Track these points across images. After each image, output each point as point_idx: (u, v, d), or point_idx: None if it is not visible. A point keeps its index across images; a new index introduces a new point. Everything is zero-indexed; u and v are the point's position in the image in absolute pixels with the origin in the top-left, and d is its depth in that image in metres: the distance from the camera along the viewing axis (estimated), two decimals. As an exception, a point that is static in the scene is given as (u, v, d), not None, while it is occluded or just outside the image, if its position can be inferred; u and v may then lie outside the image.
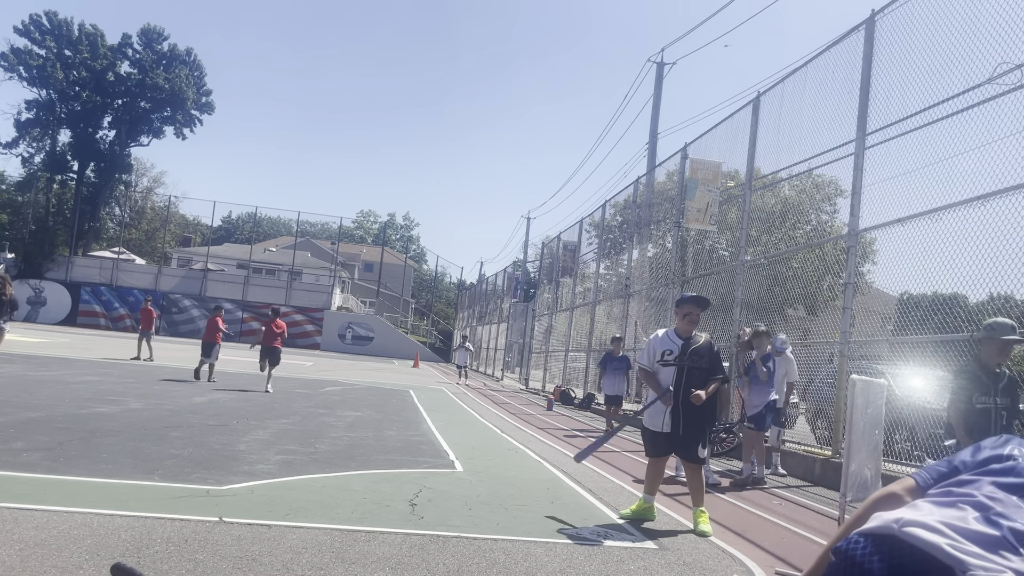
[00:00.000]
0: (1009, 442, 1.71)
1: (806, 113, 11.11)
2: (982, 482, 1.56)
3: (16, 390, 10.79)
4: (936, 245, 7.97)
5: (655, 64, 23.23)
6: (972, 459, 1.71)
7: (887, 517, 1.49)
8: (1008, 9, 7.24)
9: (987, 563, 1.35)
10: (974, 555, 1.37)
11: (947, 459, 1.77)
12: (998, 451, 1.68)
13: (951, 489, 1.56)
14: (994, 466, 1.62)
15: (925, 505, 1.52)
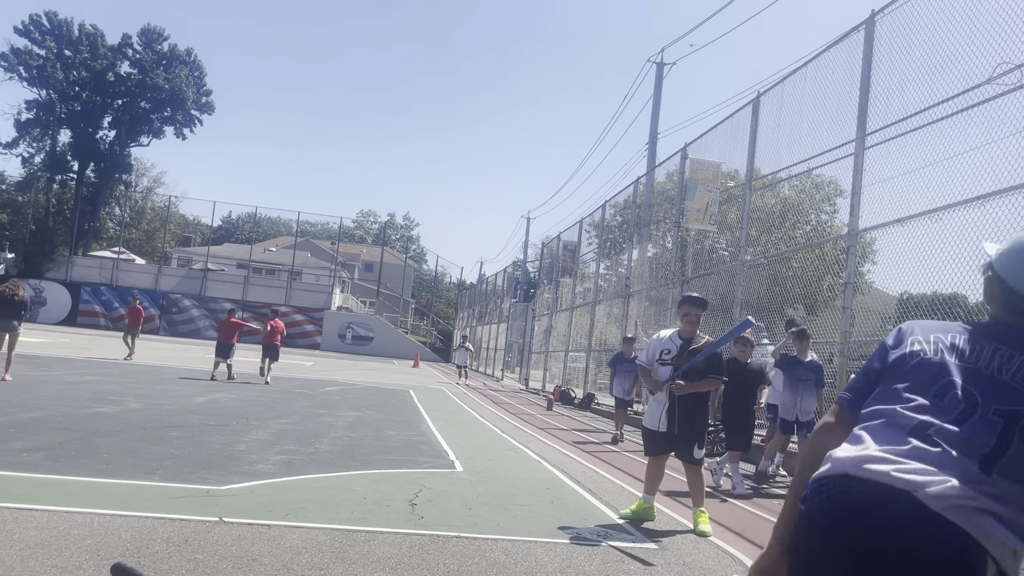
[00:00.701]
0: (908, 336, 1.78)
1: (806, 113, 11.12)
2: (899, 390, 1.67)
3: (16, 390, 10.79)
4: (936, 245, 7.97)
5: (655, 64, 23.24)
6: (883, 364, 1.78)
7: (840, 457, 1.60)
8: (1008, 9, 7.24)
9: (931, 476, 1.49)
10: (919, 471, 1.50)
11: (863, 369, 1.83)
12: (902, 351, 1.76)
13: (878, 408, 1.66)
14: (905, 367, 1.71)
15: (865, 435, 1.62)
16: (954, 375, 1.66)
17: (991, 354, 1.67)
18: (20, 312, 12.22)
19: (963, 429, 1.57)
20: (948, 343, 1.72)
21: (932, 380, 1.67)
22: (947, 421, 1.59)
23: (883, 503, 1.48)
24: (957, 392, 1.63)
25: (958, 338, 1.73)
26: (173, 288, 48.89)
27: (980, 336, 1.72)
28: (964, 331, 1.75)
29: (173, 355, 24.59)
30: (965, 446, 1.55)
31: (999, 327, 1.74)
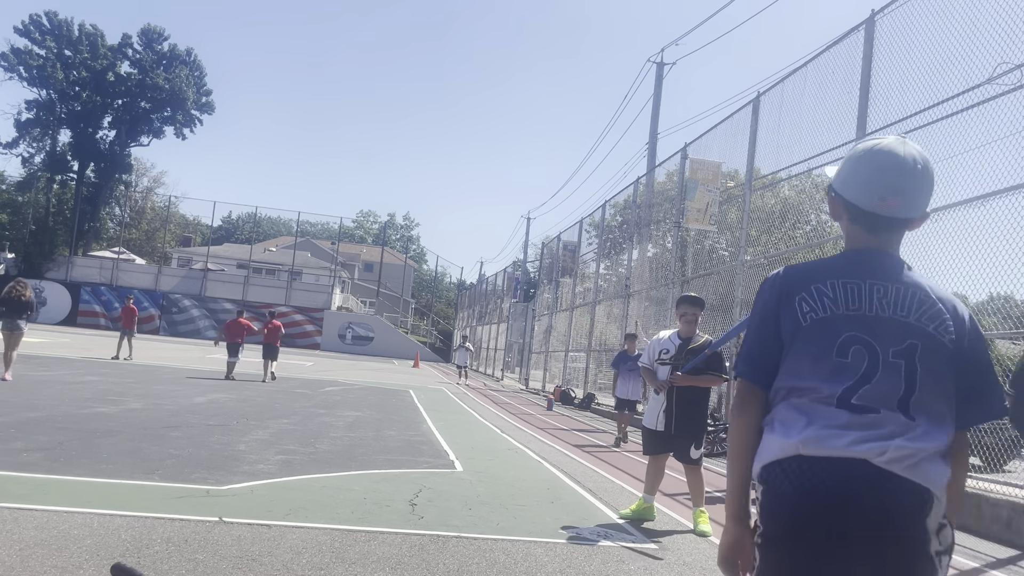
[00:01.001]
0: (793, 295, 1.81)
1: (806, 113, 11.12)
2: (806, 359, 1.74)
3: (16, 390, 10.79)
4: (936, 245, 7.98)
5: (655, 64, 23.23)
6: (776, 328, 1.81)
7: (786, 441, 1.69)
8: (1008, 9, 7.25)
9: (879, 442, 1.62)
10: (865, 439, 1.63)
11: (756, 337, 1.85)
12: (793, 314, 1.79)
13: (795, 385, 1.74)
14: (802, 331, 1.76)
15: (797, 415, 1.71)
16: (849, 329, 1.72)
17: (870, 293, 1.75)
18: (26, 312, 12.48)
19: (875, 383, 1.68)
20: (831, 295, 1.77)
21: (832, 340, 1.72)
22: (860, 380, 1.69)
23: (848, 477, 1.60)
24: (858, 346, 1.71)
25: (838, 285, 1.78)
26: (173, 288, 48.89)
27: (854, 275, 1.78)
28: (840, 272, 1.80)
29: (173, 355, 24.60)
30: (885, 400, 1.67)
31: (863, 257, 1.82)
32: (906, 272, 1.81)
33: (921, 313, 1.74)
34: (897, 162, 1.79)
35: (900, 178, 1.79)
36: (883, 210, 1.80)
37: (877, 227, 1.83)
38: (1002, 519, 6.66)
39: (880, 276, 1.78)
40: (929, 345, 1.71)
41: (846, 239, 1.91)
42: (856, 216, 1.84)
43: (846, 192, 1.85)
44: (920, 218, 1.85)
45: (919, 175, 1.79)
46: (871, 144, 1.85)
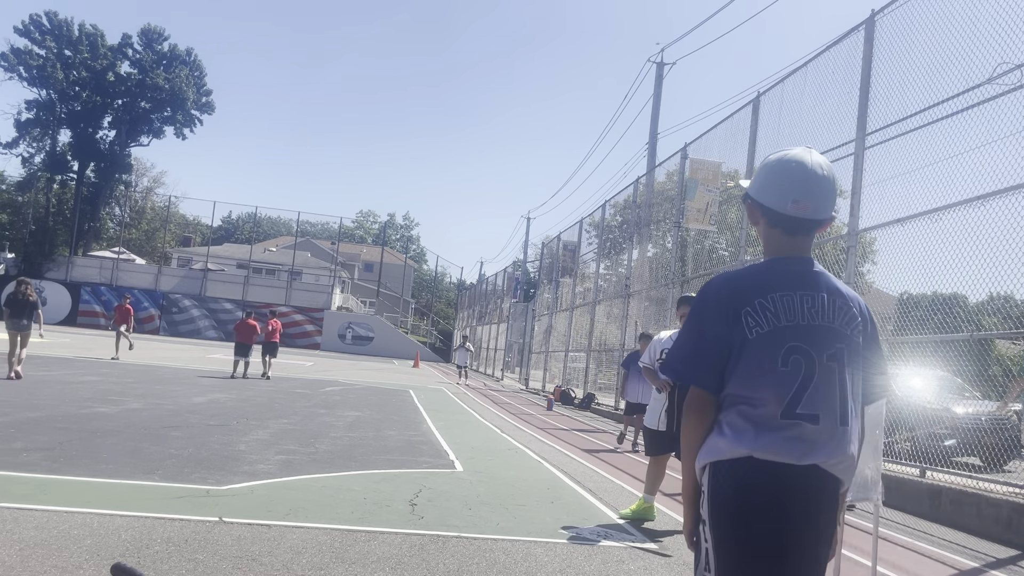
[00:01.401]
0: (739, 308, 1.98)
1: (806, 113, 11.11)
2: (752, 368, 1.93)
3: (16, 390, 10.80)
4: (936, 245, 7.97)
5: (655, 64, 23.23)
6: (725, 339, 1.98)
7: (732, 447, 1.91)
8: (1008, 9, 7.24)
9: (819, 447, 1.89)
10: (808, 445, 1.88)
11: (703, 347, 2.01)
12: (739, 326, 1.97)
13: (745, 395, 1.93)
14: (748, 343, 1.95)
15: (747, 423, 1.92)
16: (790, 340, 1.94)
17: (802, 304, 1.97)
18: (31, 312, 12.81)
19: (815, 387, 1.91)
20: (773, 309, 1.96)
21: (776, 351, 1.93)
22: (802, 385, 1.91)
23: (796, 477, 1.87)
24: (796, 356, 1.93)
25: (777, 299, 1.97)
26: (173, 288, 48.87)
27: (788, 287, 1.98)
28: (776, 286, 1.99)
29: (173, 355, 24.59)
30: (825, 406, 1.91)
31: (790, 267, 2.03)
32: (824, 278, 2.03)
33: (842, 318, 2.00)
34: (805, 170, 2.01)
35: (809, 183, 2.01)
36: (796, 212, 2.01)
37: (795, 230, 2.04)
38: (1002, 519, 6.66)
39: (807, 286, 2.00)
40: (850, 346, 1.98)
41: (765, 244, 2.11)
42: (774, 220, 2.05)
43: (762, 198, 2.06)
44: (828, 220, 2.06)
45: (824, 181, 2.02)
46: (782, 154, 2.07)
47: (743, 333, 1.95)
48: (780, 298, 1.97)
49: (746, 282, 2.03)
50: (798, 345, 1.93)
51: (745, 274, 2.08)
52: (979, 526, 6.85)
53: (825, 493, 1.92)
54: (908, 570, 5.39)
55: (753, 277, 2.05)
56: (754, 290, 1.99)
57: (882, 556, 5.18)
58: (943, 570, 5.53)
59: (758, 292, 1.99)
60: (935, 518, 7.30)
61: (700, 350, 2.01)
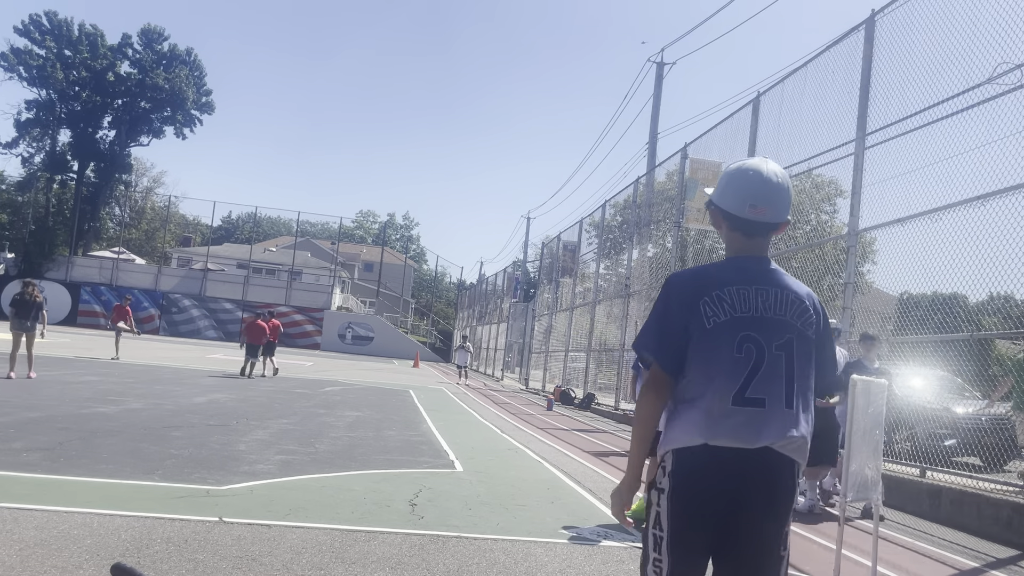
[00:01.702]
0: (696, 300, 2.16)
1: (806, 113, 11.11)
2: (709, 356, 2.10)
3: (16, 390, 10.80)
4: (936, 245, 7.97)
5: (655, 64, 23.22)
6: (684, 330, 2.15)
7: (689, 434, 2.09)
8: (1008, 9, 7.25)
9: (768, 430, 2.06)
10: (759, 428, 2.05)
11: (667, 334, 2.17)
12: (699, 316, 2.13)
13: (701, 382, 2.10)
14: (705, 333, 2.12)
15: (700, 410, 2.09)
16: (743, 329, 2.11)
17: (756, 297, 2.14)
18: (36, 313, 13.00)
19: (763, 373, 2.08)
20: (729, 300, 2.14)
21: (731, 339, 2.10)
22: (752, 371, 2.08)
23: (750, 460, 2.04)
24: (749, 344, 2.10)
25: (734, 291, 2.15)
26: (173, 288, 48.86)
27: (744, 282, 2.16)
28: (733, 280, 2.16)
29: (174, 355, 24.59)
30: (772, 391, 2.08)
31: (747, 264, 2.21)
32: (780, 275, 2.22)
33: (793, 312, 2.16)
34: (761, 177, 2.20)
35: (765, 190, 2.19)
36: (754, 216, 2.19)
37: (753, 232, 2.22)
38: (1002, 519, 6.66)
39: (763, 282, 2.17)
40: (799, 337, 2.15)
41: (727, 245, 2.29)
42: (735, 224, 2.23)
43: (723, 204, 2.26)
44: (784, 223, 2.24)
45: (779, 187, 2.20)
46: (740, 163, 2.27)
47: (701, 322, 2.12)
48: (736, 291, 2.14)
49: (706, 276, 2.22)
50: (750, 334, 2.11)
51: (706, 269, 2.28)
52: (979, 526, 6.85)
53: (779, 473, 2.08)
54: (908, 570, 5.39)
55: (713, 272, 2.23)
56: (712, 283, 2.17)
57: (882, 556, 5.18)
58: (943, 570, 5.53)
59: (716, 285, 2.16)
60: (935, 518, 7.30)
61: (663, 334, 2.18)
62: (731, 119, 13.63)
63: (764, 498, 2.07)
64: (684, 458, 2.11)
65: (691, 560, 2.10)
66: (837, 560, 4.54)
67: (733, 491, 2.05)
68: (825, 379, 2.25)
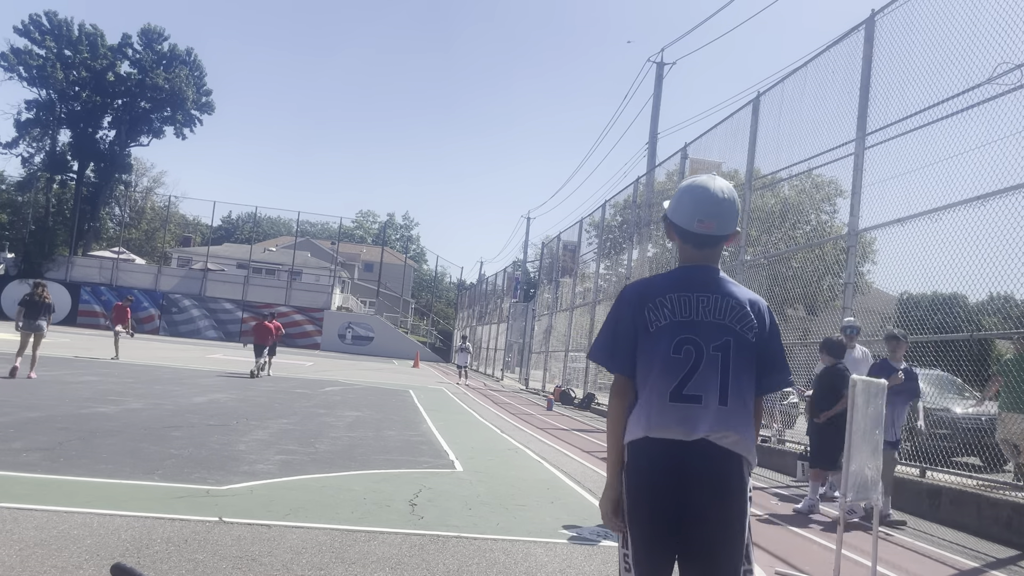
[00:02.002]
0: (643, 306, 2.34)
1: (806, 113, 11.11)
2: (654, 359, 2.27)
3: (16, 390, 10.80)
4: (936, 245, 7.97)
5: (655, 64, 23.22)
6: (635, 334, 2.33)
7: (634, 430, 2.27)
8: (1008, 9, 7.24)
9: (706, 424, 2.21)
10: (697, 423, 2.21)
11: (621, 343, 2.35)
12: (645, 322, 2.32)
13: (648, 382, 2.28)
14: (651, 336, 2.30)
15: (647, 409, 2.26)
16: (682, 332, 2.28)
17: (697, 303, 2.31)
18: (44, 313, 13.35)
19: (700, 373, 2.24)
20: (670, 306, 2.32)
21: (670, 341, 2.27)
22: (690, 371, 2.25)
23: (688, 452, 2.20)
24: (688, 345, 2.27)
25: (675, 297, 2.32)
26: (173, 288, 48.86)
27: (686, 289, 2.33)
28: (676, 287, 2.34)
29: (174, 355, 24.59)
30: (708, 388, 2.24)
31: (693, 272, 2.38)
32: (723, 283, 2.37)
33: (733, 316, 2.31)
34: (708, 194, 2.36)
35: (712, 205, 2.35)
36: (702, 230, 2.36)
37: (702, 244, 2.38)
38: (1002, 519, 6.67)
39: (705, 288, 2.34)
40: (738, 341, 2.29)
41: (680, 256, 2.46)
42: (685, 236, 2.39)
43: (675, 218, 2.41)
44: (733, 235, 2.40)
45: (726, 203, 2.36)
46: (690, 181, 2.42)
47: (646, 327, 2.31)
48: (677, 297, 2.32)
49: (652, 285, 2.40)
50: (689, 337, 2.28)
51: (654, 279, 2.45)
52: (979, 526, 6.85)
53: (721, 465, 2.22)
54: (908, 570, 5.39)
55: (659, 281, 2.41)
56: (657, 291, 2.36)
57: (882, 556, 5.18)
58: (943, 570, 5.53)
59: (659, 292, 2.35)
60: (935, 518, 7.30)
61: (616, 342, 2.37)
62: (731, 119, 13.63)
63: (708, 489, 2.20)
64: (633, 451, 2.29)
65: (652, 553, 2.22)
66: (837, 560, 4.54)
67: (676, 482, 2.20)
68: (771, 378, 2.37)
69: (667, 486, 2.20)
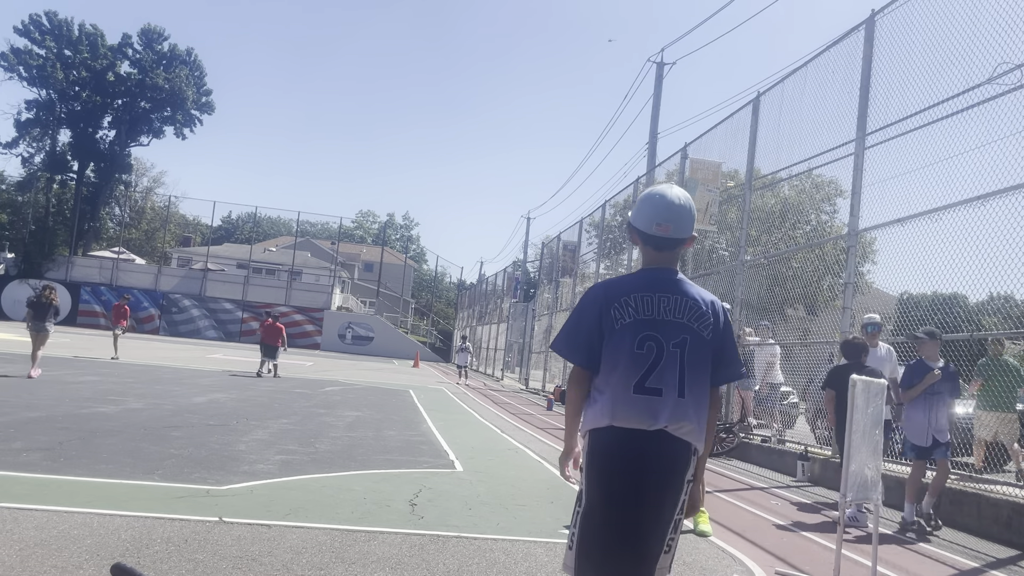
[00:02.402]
0: (608, 305, 2.55)
1: (806, 113, 11.10)
2: (617, 354, 2.49)
3: (16, 390, 10.80)
4: (936, 245, 7.97)
5: (655, 64, 23.20)
6: (599, 332, 2.54)
7: (598, 418, 2.50)
8: (1008, 9, 7.24)
9: (664, 414, 2.45)
10: (657, 413, 2.44)
11: (584, 336, 2.56)
12: (610, 320, 2.53)
13: (611, 375, 2.50)
14: (615, 333, 2.52)
15: (609, 398, 2.48)
16: (645, 330, 2.50)
17: (658, 303, 2.53)
18: (50, 315, 13.79)
19: (661, 368, 2.47)
20: (634, 305, 2.52)
21: (633, 338, 2.48)
22: (651, 366, 2.47)
23: (648, 440, 2.44)
24: (650, 341, 2.48)
25: (638, 297, 2.53)
26: (173, 288, 48.85)
27: (649, 289, 2.54)
28: (640, 288, 2.55)
29: (174, 355, 24.59)
30: (668, 382, 2.46)
31: (655, 275, 2.59)
32: (682, 284, 2.59)
33: (691, 316, 2.54)
34: (666, 200, 2.58)
35: (668, 211, 2.57)
36: (660, 233, 2.58)
37: (661, 247, 2.60)
38: (1002, 519, 6.67)
39: (666, 289, 2.55)
40: (695, 338, 2.53)
41: (642, 258, 2.68)
42: (646, 239, 2.61)
43: (636, 223, 2.63)
44: (689, 239, 2.62)
45: (682, 208, 2.58)
46: (651, 189, 2.66)
47: (612, 324, 2.51)
48: (640, 297, 2.53)
49: (617, 285, 2.60)
50: (651, 334, 2.49)
51: (618, 280, 2.64)
52: (979, 526, 6.85)
53: (674, 452, 2.47)
54: (908, 570, 5.39)
55: (623, 282, 2.61)
56: (621, 291, 2.56)
57: (882, 556, 5.18)
58: (943, 570, 5.53)
59: (624, 292, 2.55)
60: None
61: (579, 337, 2.58)
62: (731, 119, 13.63)
63: (662, 474, 2.45)
64: (595, 438, 2.50)
65: (600, 529, 2.44)
66: (837, 560, 4.54)
67: (635, 468, 2.43)
68: (725, 371, 2.63)
69: (627, 471, 2.43)
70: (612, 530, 2.43)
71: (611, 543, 2.43)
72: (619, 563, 2.42)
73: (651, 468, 2.44)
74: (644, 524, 2.43)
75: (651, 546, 2.44)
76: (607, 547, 2.43)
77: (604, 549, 2.43)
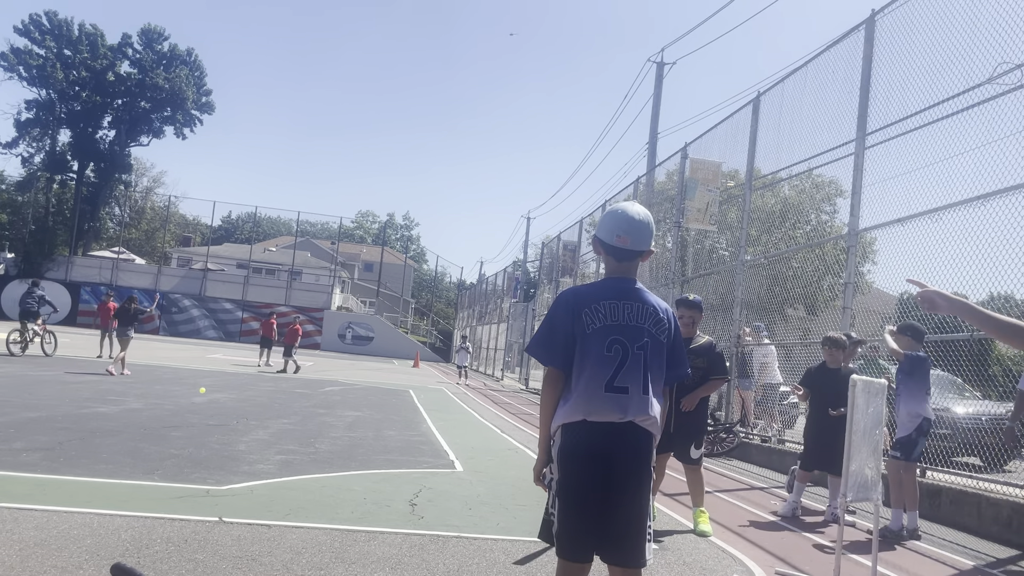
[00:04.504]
0: (580, 310, 2.81)
1: (806, 113, 11.10)
2: (588, 356, 2.75)
3: (16, 390, 10.79)
4: (936, 245, 7.97)
5: (655, 64, 23.21)
6: (571, 334, 2.78)
7: (571, 414, 2.74)
8: (1008, 9, 7.24)
9: (632, 408, 2.73)
10: (625, 408, 2.72)
11: (558, 340, 2.79)
12: (581, 324, 2.78)
13: (583, 376, 2.75)
14: (585, 337, 2.77)
15: (582, 395, 2.73)
16: (612, 334, 2.75)
17: (623, 310, 2.79)
18: (133, 322, 15.75)
19: (627, 368, 2.73)
20: (603, 312, 2.78)
21: (603, 341, 2.74)
22: (618, 366, 2.72)
23: (619, 431, 2.72)
24: (617, 344, 2.74)
25: (608, 304, 2.79)
26: (173, 288, 48.84)
27: (615, 297, 2.80)
28: (608, 295, 2.80)
29: (174, 355, 24.59)
30: (633, 381, 2.73)
31: (620, 284, 2.85)
32: (641, 293, 2.85)
33: (650, 321, 2.81)
34: (627, 215, 2.85)
35: (628, 224, 2.83)
36: (620, 244, 2.84)
37: (621, 258, 2.87)
38: (1002, 519, 6.67)
39: (628, 297, 2.82)
40: (654, 341, 2.81)
41: (605, 268, 2.94)
42: (608, 250, 2.88)
43: (599, 234, 2.89)
44: (647, 251, 2.88)
45: (641, 223, 2.84)
46: (615, 205, 2.93)
47: (583, 328, 2.76)
48: (608, 304, 2.79)
49: (586, 293, 2.85)
50: (618, 338, 2.75)
51: (586, 288, 2.90)
52: (979, 526, 6.85)
53: (641, 442, 2.76)
54: (908, 570, 5.39)
55: (591, 290, 2.87)
56: (591, 298, 2.81)
57: (882, 556, 5.18)
58: (943, 570, 5.53)
59: (593, 299, 2.80)
60: (935, 518, 7.29)
61: (553, 340, 2.80)
62: (731, 119, 13.62)
63: (630, 462, 2.72)
64: (569, 431, 2.75)
65: (575, 517, 2.69)
66: (837, 560, 4.54)
67: (607, 455, 2.69)
68: (675, 371, 2.91)
69: (600, 457, 2.69)
70: (589, 509, 2.67)
71: (589, 520, 2.68)
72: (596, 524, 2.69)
73: (620, 455, 2.70)
74: (619, 503, 2.69)
75: (628, 519, 2.70)
76: (585, 523, 2.69)
77: (583, 526, 2.69)
